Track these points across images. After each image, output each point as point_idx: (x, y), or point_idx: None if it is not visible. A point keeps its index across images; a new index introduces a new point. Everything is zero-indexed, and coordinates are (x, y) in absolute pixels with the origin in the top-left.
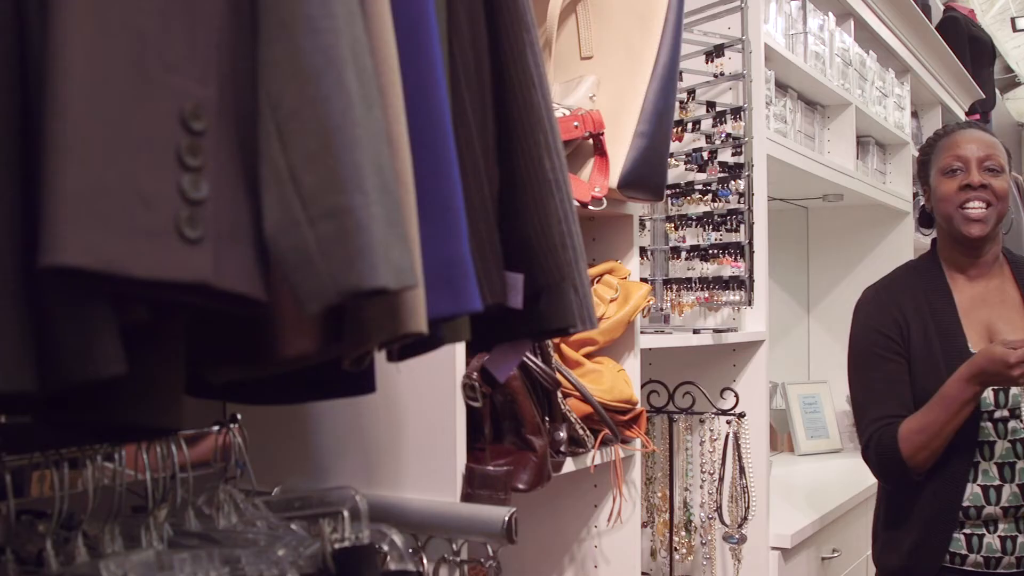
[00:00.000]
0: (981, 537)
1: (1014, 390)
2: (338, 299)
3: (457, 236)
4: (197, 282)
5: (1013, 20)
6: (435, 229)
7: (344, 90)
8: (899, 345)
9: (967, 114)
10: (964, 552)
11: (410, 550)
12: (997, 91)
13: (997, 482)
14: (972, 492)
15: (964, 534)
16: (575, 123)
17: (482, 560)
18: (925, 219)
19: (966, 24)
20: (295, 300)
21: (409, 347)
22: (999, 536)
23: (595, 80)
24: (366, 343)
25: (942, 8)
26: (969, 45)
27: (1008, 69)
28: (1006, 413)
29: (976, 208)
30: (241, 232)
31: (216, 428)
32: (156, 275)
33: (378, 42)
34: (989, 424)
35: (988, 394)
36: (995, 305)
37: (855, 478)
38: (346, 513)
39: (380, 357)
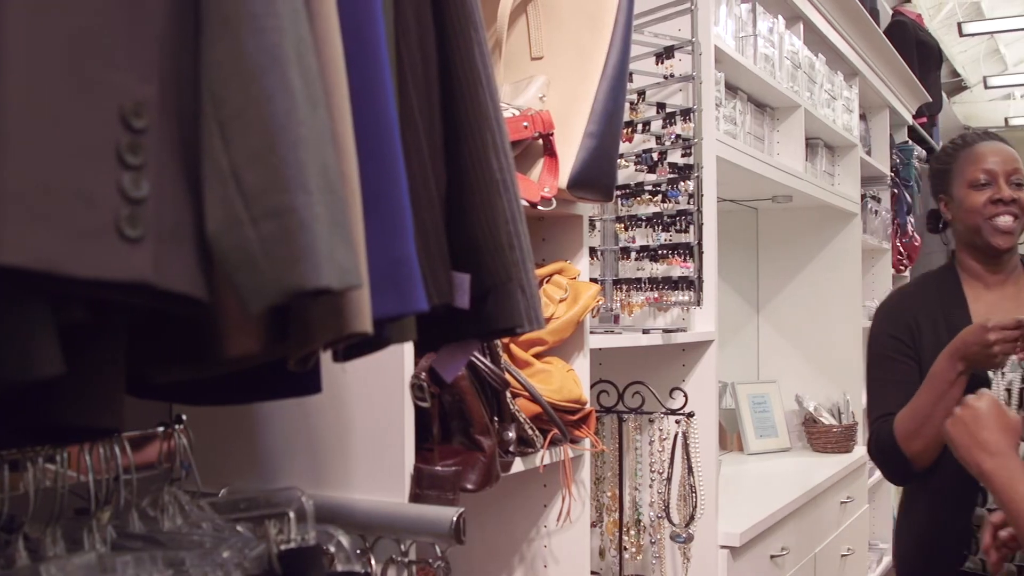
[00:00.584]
0: None
1: None
2: (281, 299)
3: (403, 236)
4: (137, 282)
5: (959, 25)
6: (381, 229)
7: (288, 89)
8: (909, 347)
9: (914, 117)
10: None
11: (358, 551)
12: (944, 95)
13: None
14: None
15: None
16: (524, 123)
17: (430, 560)
18: (934, 224)
19: (914, 29)
20: (238, 300)
21: (355, 347)
22: None
23: (545, 80)
24: (311, 343)
25: (890, 13)
26: (916, 49)
27: (955, 73)
28: None
29: (1005, 221)
30: (183, 231)
31: (161, 429)
32: (95, 274)
33: (324, 41)
34: None
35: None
36: (1011, 311)
37: (803, 477)
38: (292, 514)
39: (327, 357)
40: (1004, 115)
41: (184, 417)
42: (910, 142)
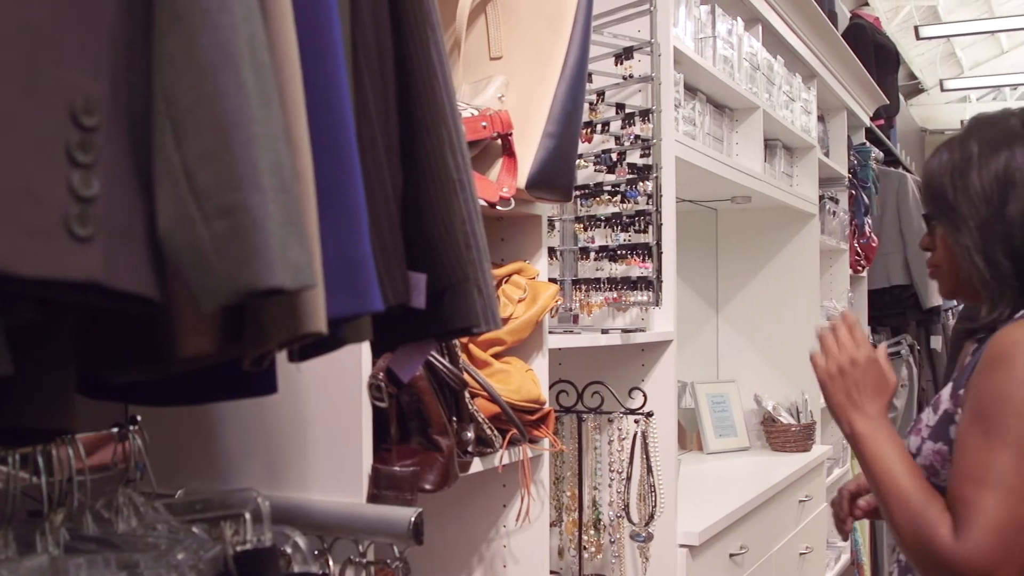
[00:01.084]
0: None
1: None
2: (234, 298)
3: (359, 235)
4: (87, 281)
5: (917, 29)
6: (336, 228)
7: (241, 86)
8: None
9: (872, 119)
10: None
11: (316, 552)
12: (901, 97)
13: None
14: None
15: None
16: (483, 123)
17: (388, 561)
18: None
19: (871, 32)
20: (190, 300)
21: (310, 347)
22: None
23: (504, 81)
24: (265, 343)
25: (848, 16)
26: (874, 52)
27: (912, 76)
28: None
29: None
30: (134, 230)
31: (116, 430)
32: (44, 274)
33: (278, 38)
34: None
35: None
36: None
37: (762, 476)
38: (248, 515)
39: (283, 357)
40: (960, 118)
41: (139, 418)
42: (868, 144)
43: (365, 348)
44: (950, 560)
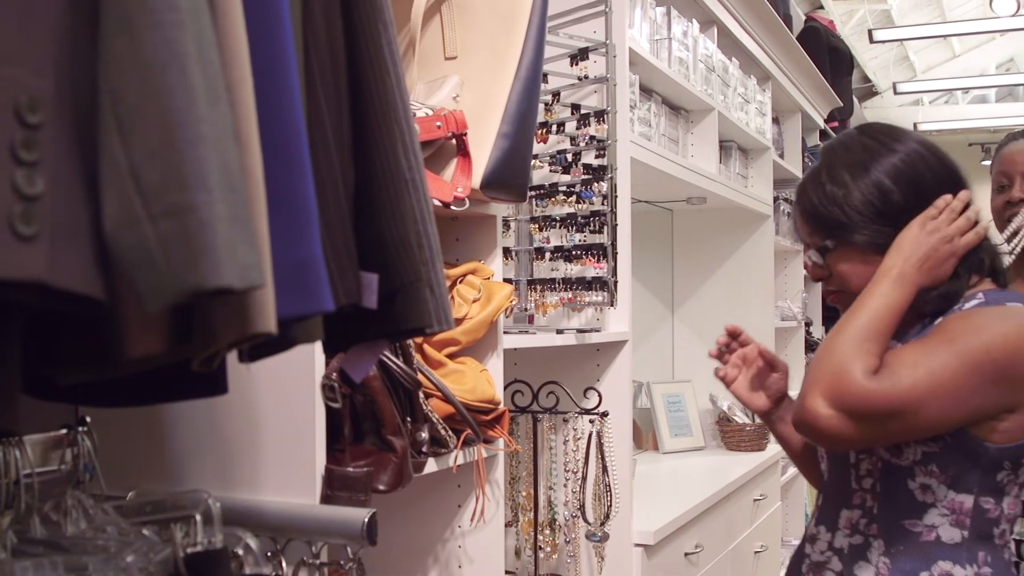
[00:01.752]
0: None
1: None
2: (180, 298)
3: (309, 235)
4: (31, 280)
5: (870, 32)
6: (286, 228)
7: (188, 85)
8: None
9: (826, 121)
10: None
11: (268, 553)
12: (855, 99)
13: None
14: None
15: None
16: (438, 123)
17: (342, 562)
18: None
19: (826, 35)
20: (137, 300)
21: (261, 347)
22: None
23: (459, 80)
24: (214, 343)
25: (803, 19)
26: (828, 55)
27: (866, 79)
28: None
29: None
30: (79, 229)
31: (64, 431)
32: None
33: (227, 37)
34: None
35: None
36: None
37: (717, 475)
38: (199, 517)
39: (233, 357)
40: (913, 120)
41: (88, 419)
42: (822, 146)
43: (318, 348)
44: (845, 387)
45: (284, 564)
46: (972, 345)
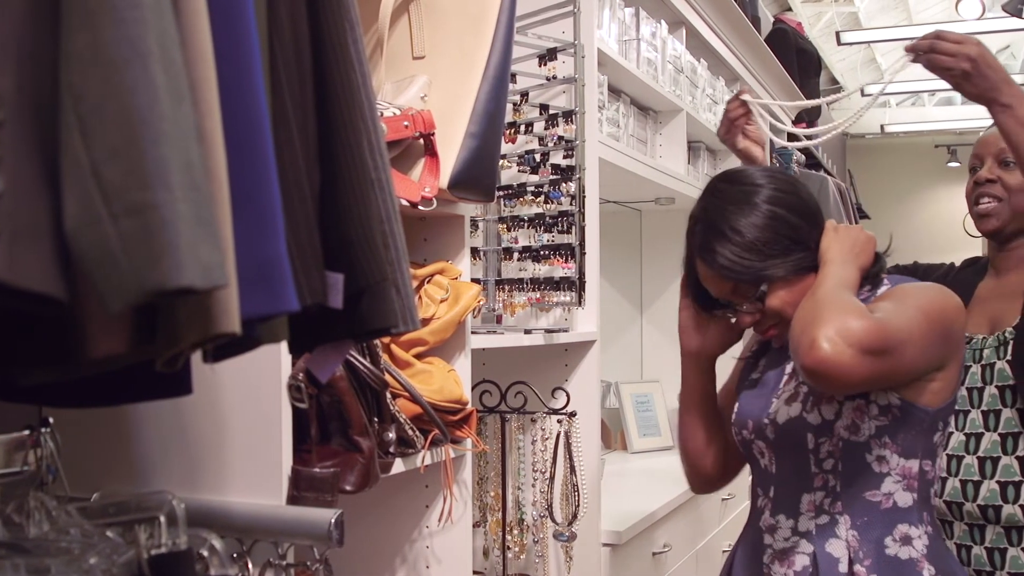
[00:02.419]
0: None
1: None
2: (142, 298)
3: (274, 235)
4: None
5: (838, 34)
6: (250, 228)
7: (150, 83)
8: None
9: (794, 123)
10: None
11: (235, 554)
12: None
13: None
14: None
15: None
16: (405, 123)
17: (309, 563)
18: None
19: (794, 36)
20: (98, 299)
21: (225, 348)
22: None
23: (427, 80)
24: (177, 343)
25: (771, 20)
26: (796, 56)
27: (833, 80)
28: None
29: (984, 203)
30: (40, 229)
31: (27, 432)
32: None
33: (191, 35)
34: None
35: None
36: (1008, 298)
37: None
38: (163, 518)
39: (198, 357)
40: (880, 122)
41: (51, 420)
42: (789, 147)
43: (284, 348)
44: (853, 322)
45: (250, 565)
46: (923, 302)
